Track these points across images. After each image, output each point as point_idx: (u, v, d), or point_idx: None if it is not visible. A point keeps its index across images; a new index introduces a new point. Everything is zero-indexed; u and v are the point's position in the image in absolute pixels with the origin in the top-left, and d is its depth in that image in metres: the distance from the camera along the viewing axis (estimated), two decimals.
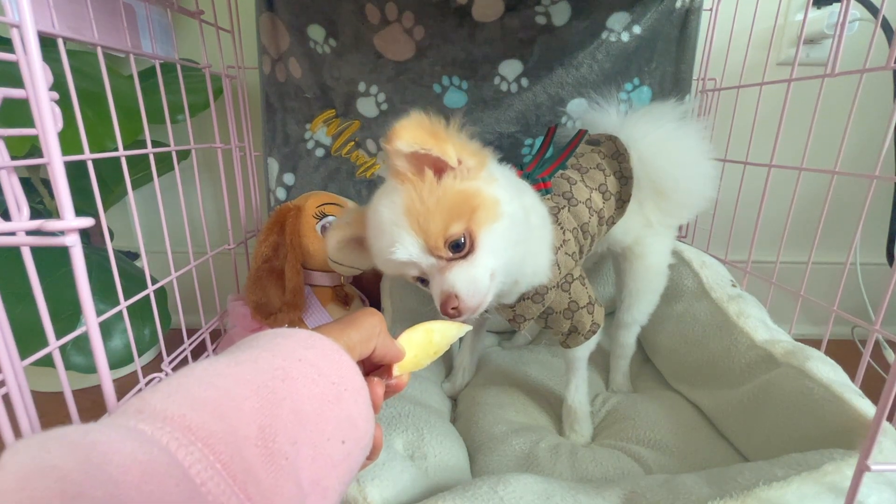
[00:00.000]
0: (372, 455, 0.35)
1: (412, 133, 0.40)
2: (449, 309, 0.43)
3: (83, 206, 0.40)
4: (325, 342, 0.31)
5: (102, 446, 0.20)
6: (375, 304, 0.86)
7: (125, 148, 0.59)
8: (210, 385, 0.25)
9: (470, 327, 0.43)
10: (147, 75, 0.71)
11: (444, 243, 0.43)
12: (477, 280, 0.44)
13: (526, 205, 0.50)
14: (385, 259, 0.45)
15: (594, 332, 0.60)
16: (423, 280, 0.46)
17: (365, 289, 0.91)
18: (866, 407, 0.46)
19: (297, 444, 0.26)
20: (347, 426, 0.29)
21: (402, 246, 0.43)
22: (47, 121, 0.32)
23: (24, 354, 0.38)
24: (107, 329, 0.68)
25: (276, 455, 0.24)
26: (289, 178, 0.93)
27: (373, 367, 0.37)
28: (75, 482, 0.18)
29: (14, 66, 0.35)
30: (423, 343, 0.40)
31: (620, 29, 0.83)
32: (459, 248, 0.43)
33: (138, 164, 0.78)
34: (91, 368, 0.62)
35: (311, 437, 0.27)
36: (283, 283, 0.75)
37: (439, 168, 0.43)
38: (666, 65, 0.86)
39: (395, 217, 0.43)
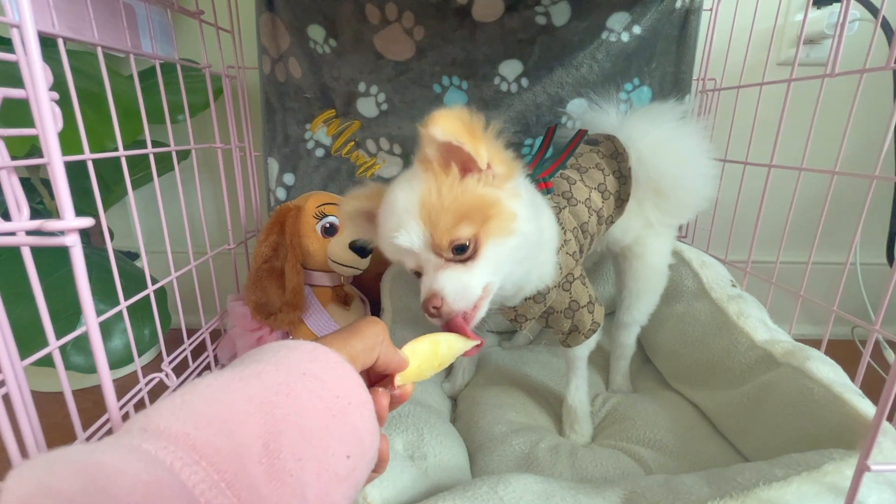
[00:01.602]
0: (378, 468, 0.34)
1: (450, 123, 0.39)
2: (430, 307, 0.42)
3: (83, 206, 0.40)
4: (329, 354, 0.30)
5: (106, 467, 0.20)
6: (375, 304, 0.86)
7: (125, 148, 0.59)
8: (214, 402, 0.25)
9: (476, 342, 0.43)
10: (147, 75, 0.71)
11: (449, 243, 0.42)
12: (468, 288, 0.43)
13: (542, 225, 0.49)
14: (387, 241, 0.45)
15: (594, 331, 0.60)
16: (419, 274, 0.46)
17: (365, 289, 0.91)
18: (866, 407, 0.46)
19: (301, 459, 0.25)
20: (352, 440, 0.29)
21: (406, 233, 0.42)
22: (47, 121, 0.32)
23: (24, 354, 0.39)
24: (107, 329, 0.68)
25: (281, 472, 0.24)
26: (289, 178, 0.93)
27: (377, 377, 0.37)
28: None
29: (14, 66, 0.35)
30: (428, 354, 0.39)
31: (620, 29, 0.83)
32: (462, 251, 0.43)
33: (138, 164, 0.78)
34: (91, 368, 0.62)
35: (315, 453, 0.26)
36: (283, 283, 0.75)
37: (466, 167, 0.43)
38: (666, 65, 0.86)
39: (407, 203, 0.43)
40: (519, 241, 0.45)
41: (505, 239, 0.44)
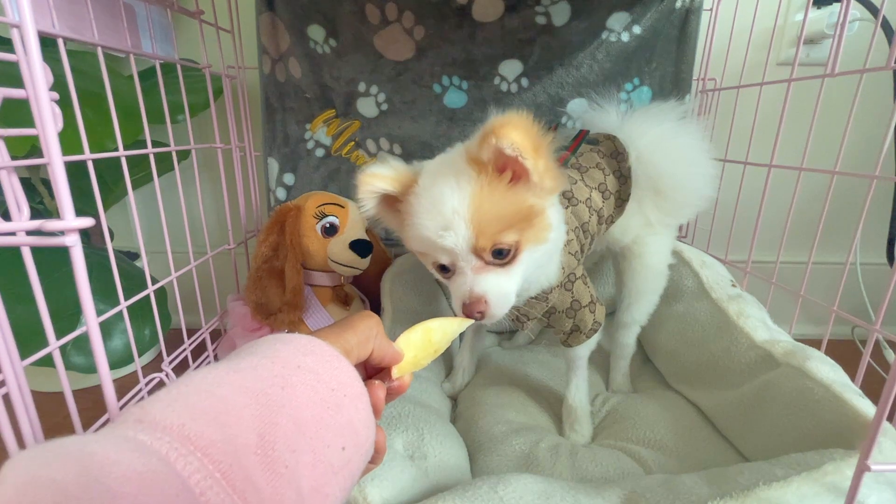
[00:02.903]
0: (375, 459, 0.35)
1: (521, 138, 0.39)
2: (475, 312, 0.42)
3: (83, 206, 0.40)
4: (324, 347, 0.31)
5: (101, 458, 0.20)
6: (375, 304, 0.86)
7: (125, 148, 0.59)
8: (209, 394, 0.25)
9: (472, 321, 0.43)
10: (147, 75, 0.71)
11: (492, 247, 0.42)
12: (507, 293, 0.44)
13: (561, 233, 0.50)
14: (423, 236, 0.44)
15: (595, 331, 0.60)
16: (445, 268, 0.46)
17: (365, 289, 0.91)
18: (866, 407, 0.46)
19: (296, 451, 0.26)
20: (348, 432, 0.29)
21: (453, 235, 0.42)
22: (47, 121, 0.32)
23: (24, 354, 0.39)
24: (107, 329, 0.68)
25: (276, 463, 0.24)
26: (289, 178, 0.93)
27: (374, 371, 0.37)
28: (73, 495, 0.18)
29: (14, 66, 0.35)
30: (421, 343, 0.40)
31: (620, 29, 0.83)
32: (502, 255, 0.43)
33: (138, 164, 0.78)
34: (91, 368, 0.62)
35: (310, 444, 0.27)
36: (283, 283, 0.75)
37: (518, 174, 0.43)
38: (666, 65, 0.86)
39: (457, 204, 0.42)
40: (550, 248, 0.47)
41: (539, 246, 0.45)
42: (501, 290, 0.44)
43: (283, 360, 0.29)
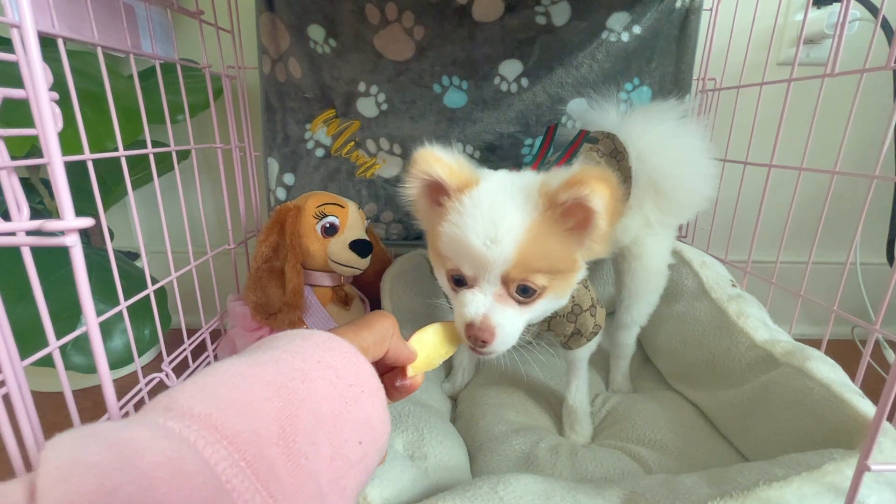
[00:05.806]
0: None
1: (608, 199, 0.39)
2: (479, 339, 0.41)
3: (83, 206, 0.40)
4: (343, 344, 0.31)
5: (135, 443, 0.21)
6: (375, 304, 0.86)
7: (125, 148, 0.59)
8: (233, 385, 0.26)
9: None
10: (147, 75, 0.71)
11: (521, 280, 0.42)
12: (515, 332, 0.43)
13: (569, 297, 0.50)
14: (465, 239, 0.41)
15: (596, 334, 0.60)
16: (460, 281, 0.44)
17: (365, 289, 0.91)
18: (866, 407, 0.46)
19: (316, 444, 0.26)
20: (364, 427, 0.30)
21: (498, 249, 0.40)
22: (47, 121, 0.32)
23: (24, 354, 0.38)
24: (107, 329, 0.68)
25: (297, 455, 0.25)
26: (289, 178, 0.93)
27: (386, 369, 0.38)
28: (111, 478, 0.19)
29: (14, 66, 0.35)
30: (434, 343, 0.41)
31: (620, 29, 0.83)
32: (526, 294, 0.42)
33: (138, 164, 0.78)
34: (91, 368, 0.62)
35: (329, 438, 0.27)
36: (283, 283, 0.75)
37: (580, 226, 0.42)
38: (666, 65, 0.86)
39: (516, 224, 0.41)
40: (558, 305, 0.47)
41: (555, 298, 0.45)
42: (511, 327, 0.43)
43: (303, 355, 0.29)
